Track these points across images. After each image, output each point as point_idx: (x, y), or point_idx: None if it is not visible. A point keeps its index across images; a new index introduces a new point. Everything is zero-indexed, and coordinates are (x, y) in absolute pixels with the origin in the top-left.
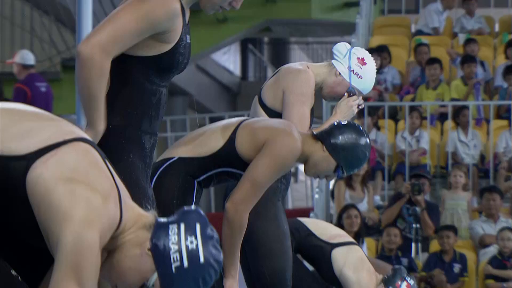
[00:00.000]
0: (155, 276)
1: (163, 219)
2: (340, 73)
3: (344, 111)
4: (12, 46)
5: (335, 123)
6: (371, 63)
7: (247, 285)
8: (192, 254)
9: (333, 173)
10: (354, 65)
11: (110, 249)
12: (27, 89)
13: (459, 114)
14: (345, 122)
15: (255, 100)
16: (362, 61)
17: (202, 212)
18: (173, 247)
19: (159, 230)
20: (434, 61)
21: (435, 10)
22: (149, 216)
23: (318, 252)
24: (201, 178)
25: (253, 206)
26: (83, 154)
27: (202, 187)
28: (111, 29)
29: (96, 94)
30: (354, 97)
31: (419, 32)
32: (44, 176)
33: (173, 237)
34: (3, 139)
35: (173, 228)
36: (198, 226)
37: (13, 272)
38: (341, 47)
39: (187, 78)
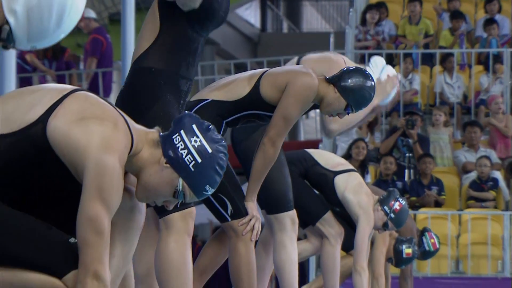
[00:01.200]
0: (180, 180)
1: (165, 133)
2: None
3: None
4: None
5: (345, 69)
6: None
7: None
8: (201, 150)
9: (343, 111)
10: None
11: (135, 174)
12: (103, 39)
13: (445, 60)
14: (353, 68)
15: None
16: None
17: (192, 113)
18: (184, 152)
19: (166, 144)
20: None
21: None
22: (154, 132)
23: (323, 180)
24: (229, 119)
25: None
26: (83, 98)
27: (229, 126)
28: None
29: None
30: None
31: None
32: (58, 125)
33: (179, 144)
34: (17, 117)
35: (176, 137)
36: (194, 126)
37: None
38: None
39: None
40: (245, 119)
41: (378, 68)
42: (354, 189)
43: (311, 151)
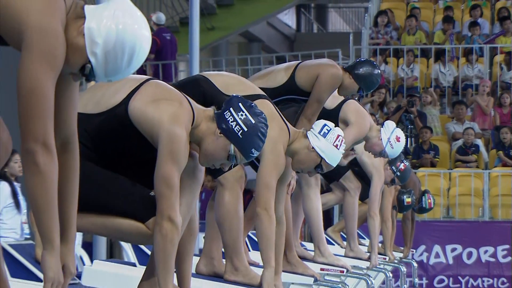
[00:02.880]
0: (232, 146)
1: (218, 111)
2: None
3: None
4: (147, 9)
5: (358, 60)
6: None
7: None
8: (246, 121)
9: (357, 92)
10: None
11: (197, 144)
12: (157, 39)
13: (439, 53)
14: (364, 59)
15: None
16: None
17: (238, 95)
18: (233, 124)
19: (219, 118)
20: (411, 16)
21: None
22: (210, 110)
23: None
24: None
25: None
26: (154, 85)
27: None
28: None
29: None
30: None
31: None
32: (136, 106)
33: (229, 118)
34: (105, 100)
35: (227, 113)
36: (240, 104)
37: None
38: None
39: (261, 30)
40: (283, 102)
41: (389, 129)
42: (368, 154)
43: None
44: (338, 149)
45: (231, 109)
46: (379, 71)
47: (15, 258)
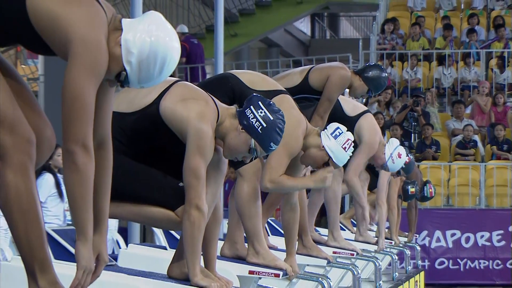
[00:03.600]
0: (253, 141)
1: (240, 109)
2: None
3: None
4: (176, 19)
5: (367, 64)
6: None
7: None
8: (265, 118)
9: (366, 93)
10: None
11: (221, 139)
12: (186, 45)
13: (440, 57)
14: (373, 63)
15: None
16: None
17: (258, 94)
18: (253, 120)
19: (241, 115)
20: (415, 23)
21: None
22: (232, 108)
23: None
24: None
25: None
26: (183, 86)
27: None
28: None
29: None
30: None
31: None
32: (167, 105)
33: (250, 115)
34: (138, 100)
35: (248, 110)
36: (260, 102)
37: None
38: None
39: (279, 37)
40: (297, 100)
41: (393, 146)
42: None
43: None
44: (346, 151)
45: (251, 107)
46: (386, 74)
47: (58, 242)
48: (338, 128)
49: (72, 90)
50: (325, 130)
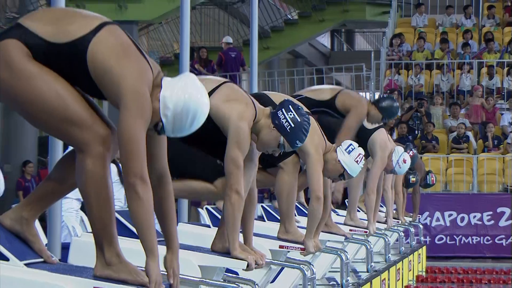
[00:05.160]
0: (282, 138)
1: (273, 110)
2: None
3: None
4: (219, 34)
5: (381, 96)
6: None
7: None
8: (293, 119)
9: (381, 120)
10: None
11: (256, 134)
12: (223, 56)
13: (439, 66)
14: (387, 96)
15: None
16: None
17: (289, 99)
18: (284, 121)
19: (274, 116)
20: (420, 38)
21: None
22: (267, 109)
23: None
24: (312, 110)
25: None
26: (230, 87)
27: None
28: None
29: None
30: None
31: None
32: (213, 103)
33: (281, 116)
34: None
35: (279, 112)
36: (290, 106)
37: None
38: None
39: (304, 49)
40: (320, 112)
41: (398, 154)
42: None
43: None
44: (358, 164)
45: (282, 109)
46: (397, 103)
47: (120, 221)
48: (351, 144)
49: (127, 134)
50: (340, 146)
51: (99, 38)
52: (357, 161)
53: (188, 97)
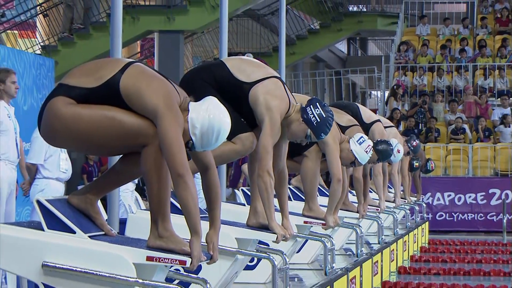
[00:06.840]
0: (309, 130)
1: (303, 106)
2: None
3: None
4: (251, 42)
5: (377, 140)
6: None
7: None
8: (320, 114)
9: (376, 161)
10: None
11: (287, 125)
12: None
13: (439, 69)
14: (383, 140)
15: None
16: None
17: (317, 97)
18: (311, 116)
19: (303, 111)
20: (424, 45)
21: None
22: (298, 104)
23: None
24: None
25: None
26: (274, 82)
27: None
28: None
29: None
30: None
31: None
32: (257, 93)
33: (309, 111)
34: (248, 73)
35: (308, 108)
36: (317, 103)
37: None
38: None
39: (324, 54)
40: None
41: (394, 143)
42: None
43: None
44: (367, 153)
45: (311, 106)
46: (392, 147)
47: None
48: (362, 136)
49: (167, 138)
50: (353, 138)
51: (128, 73)
52: (366, 151)
53: (212, 117)
